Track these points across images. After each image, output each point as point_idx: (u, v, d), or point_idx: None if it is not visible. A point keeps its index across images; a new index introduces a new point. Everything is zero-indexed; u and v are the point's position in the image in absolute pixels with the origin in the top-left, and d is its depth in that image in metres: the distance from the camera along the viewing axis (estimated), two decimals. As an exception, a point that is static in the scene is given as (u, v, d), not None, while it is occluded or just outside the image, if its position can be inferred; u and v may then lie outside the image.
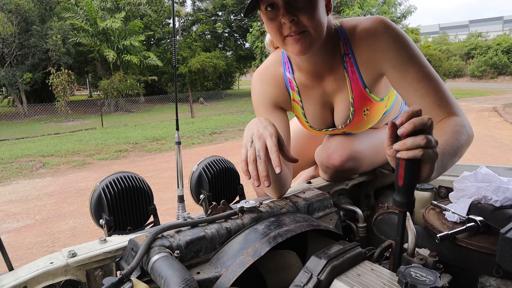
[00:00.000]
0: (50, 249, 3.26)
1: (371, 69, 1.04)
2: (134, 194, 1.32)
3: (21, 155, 7.27)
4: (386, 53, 0.98)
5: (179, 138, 1.61)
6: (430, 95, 0.94)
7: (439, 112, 0.94)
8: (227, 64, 22.24)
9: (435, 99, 0.94)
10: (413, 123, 0.66)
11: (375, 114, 1.17)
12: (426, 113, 0.93)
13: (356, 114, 1.13)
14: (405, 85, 0.97)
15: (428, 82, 0.95)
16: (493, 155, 6.06)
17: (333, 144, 1.23)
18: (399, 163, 0.70)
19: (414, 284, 0.60)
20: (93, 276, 0.78)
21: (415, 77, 0.95)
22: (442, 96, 0.95)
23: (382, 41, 0.98)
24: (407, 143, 0.67)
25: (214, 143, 8.47)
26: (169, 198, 4.31)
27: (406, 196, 0.70)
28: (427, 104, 0.94)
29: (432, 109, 0.94)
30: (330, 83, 1.12)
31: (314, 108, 1.18)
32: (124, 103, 16.63)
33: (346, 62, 1.06)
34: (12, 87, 14.36)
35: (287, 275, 0.89)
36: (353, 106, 1.11)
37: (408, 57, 0.97)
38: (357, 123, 1.17)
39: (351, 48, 1.04)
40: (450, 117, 0.93)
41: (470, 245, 0.88)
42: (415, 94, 0.96)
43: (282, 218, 0.93)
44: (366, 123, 1.18)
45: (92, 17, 15.62)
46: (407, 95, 0.98)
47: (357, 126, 1.19)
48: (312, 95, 1.16)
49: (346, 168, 1.20)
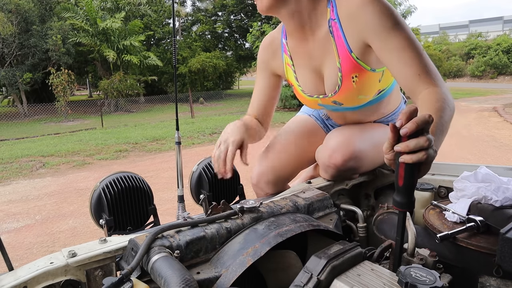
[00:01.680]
0: (50, 249, 3.26)
1: (356, 36, 1.05)
2: (134, 194, 1.32)
3: (21, 155, 7.27)
4: (370, 21, 1.00)
5: (179, 138, 1.61)
6: (412, 64, 0.96)
7: (419, 82, 0.95)
8: (227, 64, 22.23)
9: (417, 69, 0.95)
10: (416, 123, 0.66)
11: (366, 84, 1.14)
12: (408, 82, 0.96)
13: (345, 80, 1.13)
14: (388, 54, 0.99)
15: (411, 52, 0.96)
16: (493, 155, 6.06)
17: (335, 143, 1.22)
18: (399, 163, 0.70)
19: (414, 284, 0.60)
20: (93, 276, 0.78)
21: (397, 45, 0.97)
22: (424, 66, 0.96)
23: (367, 9, 1.00)
24: (411, 145, 0.67)
25: (214, 143, 8.41)
26: (169, 198, 4.31)
27: (406, 196, 0.70)
28: (409, 73, 0.96)
29: (414, 79, 0.95)
30: (317, 46, 1.15)
31: (305, 72, 1.23)
32: (124, 103, 16.63)
33: (332, 27, 1.09)
34: (12, 87, 14.36)
35: (287, 275, 0.89)
36: (341, 71, 1.12)
37: (391, 26, 0.98)
38: (347, 91, 1.15)
39: (337, 14, 1.06)
40: (431, 90, 0.93)
41: (470, 245, 0.88)
42: (398, 62, 0.97)
43: (282, 218, 0.93)
44: (356, 91, 1.15)
45: (92, 17, 15.62)
46: (390, 63, 1.00)
47: (348, 95, 1.17)
48: (302, 59, 1.21)
49: (348, 167, 1.20)
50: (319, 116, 1.54)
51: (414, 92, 0.96)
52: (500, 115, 11.20)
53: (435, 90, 0.93)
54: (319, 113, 1.54)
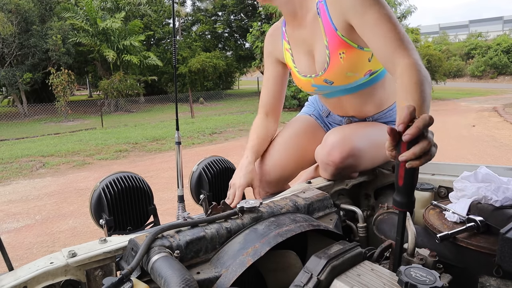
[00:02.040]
0: (50, 249, 3.25)
1: (339, 15, 1.12)
2: (134, 194, 1.32)
3: (21, 155, 7.27)
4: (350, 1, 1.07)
5: (179, 138, 1.61)
6: (388, 36, 1.01)
7: (395, 52, 1.00)
8: (227, 64, 22.23)
9: (393, 41, 1.01)
10: (418, 127, 0.68)
11: (354, 61, 1.19)
12: (385, 51, 1.02)
13: (332, 57, 1.19)
14: (366, 30, 1.05)
15: (387, 24, 1.02)
16: (493, 155, 6.06)
17: (333, 141, 1.23)
18: (399, 163, 0.70)
19: (414, 284, 0.60)
20: (93, 276, 0.78)
21: (375, 21, 1.03)
22: (399, 38, 1.01)
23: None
24: (416, 152, 0.68)
25: (214, 143, 8.47)
26: (169, 198, 4.31)
27: (406, 196, 0.70)
28: (386, 45, 1.01)
29: (389, 49, 1.01)
30: (308, 30, 1.25)
31: (300, 55, 1.33)
32: (124, 103, 16.62)
33: (319, 9, 1.18)
34: (12, 87, 14.35)
35: (287, 275, 0.89)
36: (328, 48, 1.19)
37: (369, 3, 1.04)
38: (335, 67, 1.21)
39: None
40: (406, 62, 0.97)
41: (470, 245, 0.88)
42: (376, 37, 1.03)
43: (282, 218, 0.93)
44: (344, 68, 1.20)
45: (92, 17, 15.62)
46: (369, 39, 1.05)
47: (336, 72, 1.22)
48: (298, 43, 1.32)
49: (346, 164, 1.20)
50: (319, 115, 1.55)
51: (392, 64, 1.01)
52: (500, 115, 11.20)
53: (410, 62, 0.97)
54: (319, 112, 1.55)
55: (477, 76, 31.74)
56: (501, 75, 30.91)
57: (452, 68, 31.73)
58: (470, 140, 7.24)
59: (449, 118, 10.60)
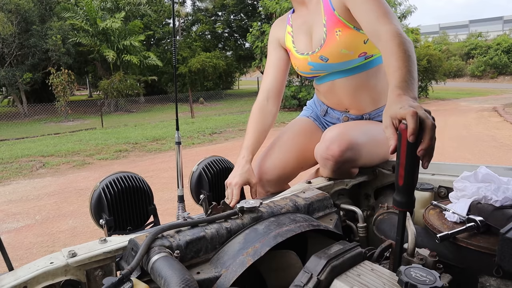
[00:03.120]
0: (50, 249, 3.25)
1: None
2: (134, 194, 1.32)
3: (21, 155, 7.27)
4: None
5: (179, 138, 1.61)
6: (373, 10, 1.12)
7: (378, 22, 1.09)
8: (227, 64, 22.23)
9: (378, 13, 1.11)
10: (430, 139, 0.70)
11: (349, 39, 1.26)
12: (370, 23, 1.12)
13: (329, 34, 1.27)
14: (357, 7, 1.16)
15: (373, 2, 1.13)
16: (493, 155, 6.06)
17: (331, 135, 1.24)
18: (399, 162, 0.70)
19: (414, 284, 0.60)
20: (93, 276, 0.78)
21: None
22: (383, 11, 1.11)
23: None
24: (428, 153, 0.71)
25: (214, 143, 8.47)
26: (169, 198, 4.31)
27: (406, 196, 0.70)
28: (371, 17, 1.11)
29: (374, 20, 1.10)
30: (310, 12, 1.36)
31: (299, 36, 1.41)
32: (124, 103, 16.62)
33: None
34: (12, 87, 14.36)
35: (287, 275, 0.89)
36: (325, 26, 1.28)
37: None
38: (331, 44, 1.28)
39: None
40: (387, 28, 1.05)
41: (470, 245, 0.88)
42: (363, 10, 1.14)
43: (282, 218, 0.93)
44: (340, 45, 1.26)
45: (92, 17, 15.62)
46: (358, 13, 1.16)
47: (332, 48, 1.28)
48: (299, 25, 1.41)
49: (346, 158, 1.20)
50: (317, 116, 1.57)
51: (376, 33, 1.09)
52: (500, 115, 11.20)
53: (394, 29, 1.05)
54: (317, 114, 1.57)
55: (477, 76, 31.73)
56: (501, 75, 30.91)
57: (452, 68, 31.72)
58: (470, 140, 7.25)
59: (449, 118, 10.60)
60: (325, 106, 1.51)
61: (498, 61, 30.17)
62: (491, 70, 30.98)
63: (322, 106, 1.53)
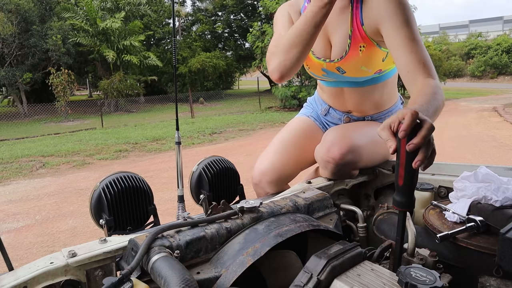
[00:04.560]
0: (50, 249, 3.25)
1: (372, 16, 1.15)
2: (134, 194, 1.32)
3: (21, 155, 7.26)
4: (389, 9, 1.10)
5: (179, 138, 1.61)
6: (417, 53, 1.06)
7: (421, 70, 1.04)
8: (227, 64, 22.24)
9: (421, 58, 1.05)
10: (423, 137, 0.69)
11: (371, 57, 1.22)
12: (411, 68, 1.05)
13: (352, 48, 1.21)
14: (396, 41, 1.09)
15: (416, 44, 1.07)
16: (493, 155, 6.06)
17: (332, 138, 1.24)
18: (399, 162, 0.70)
19: (414, 284, 0.60)
20: (93, 276, 0.78)
21: (407, 36, 1.07)
22: (426, 58, 1.06)
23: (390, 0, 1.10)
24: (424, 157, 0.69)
25: (214, 143, 8.47)
26: (169, 198, 4.31)
27: (406, 196, 0.70)
28: (414, 60, 1.05)
29: (417, 66, 1.04)
30: (335, 10, 1.21)
31: None
32: (124, 103, 16.62)
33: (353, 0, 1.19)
34: (12, 87, 14.36)
35: (287, 275, 0.89)
36: (351, 38, 1.21)
37: (405, 19, 1.08)
38: (352, 58, 1.23)
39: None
40: (429, 79, 1.02)
41: (470, 245, 0.88)
42: (404, 49, 1.07)
43: (282, 218, 0.93)
44: (360, 61, 1.22)
45: (92, 17, 15.62)
46: (397, 50, 1.08)
47: (352, 63, 1.23)
48: None
49: (346, 160, 1.20)
50: (317, 116, 1.56)
51: (413, 78, 1.04)
52: (500, 115, 11.20)
53: (432, 80, 1.02)
54: (317, 113, 1.56)
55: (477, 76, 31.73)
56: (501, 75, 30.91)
57: (452, 68, 31.72)
58: (470, 140, 7.24)
59: (449, 118, 10.60)
60: (326, 105, 1.51)
61: (498, 61, 30.17)
62: (491, 70, 30.97)
63: (324, 105, 1.52)
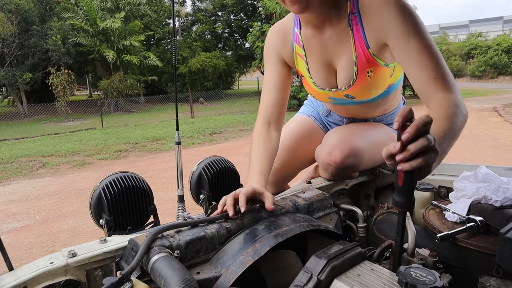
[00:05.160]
0: (50, 249, 3.25)
1: (376, 34, 1.05)
2: (134, 194, 1.32)
3: (21, 155, 7.27)
4: (391, 22, 1.00)
5: (179, 138, 1.62)
6: (429, 68, 0.96)
7: (434, 86, 0.95)
8: (227, 64, 22.25)
9: (433, 73, 0.95)
10: (416, 126, 0.64)
11: (380, 78, 1.16)
12: (423, 85, 0.96)
13: (360, 74, 1.13)
14: (406, 56, 0.99)
15: (428, 55, 0.96)
16: (493, 155, 6.06)
17: (333, 141, 1.23)
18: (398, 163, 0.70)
19: (414, 284, 0.60)
20: (93, 276, 0.78)
21: (416, 48, 0.97)
22: (440, 70, 0.96)
23: (389, 8, 1.00)
24: (411, 149, 0.65)
25: (214, 143, 8.47)
26: (169, 198, 4.31)
27: (406, 196, 0.70)
28: (425, 77, 0.96)
29: (429, 83, 0.95)
30: (333, 38, 1.13)
31: (317, 65, 1.22)
32: (124, 103, 16.63)
33: (351, 20, 1.08)
34: (12, 87, 14.36)
35: (287, 275, 0.89)
36: (357, 65, 1.12)
37: (412, 29, 0.98)
38: (361, 85, 1.16)
39: (358, 8, 1.06)
40: (445, 96, 0.93)
41: (470, 245, 0.88)
42: (415, 66, 0.97)
43: (282, 218, 0.93)
44: (369, 86, 1.16)
45: (92, 17, 15.62)
46: (407, 66, 1.00)
47: (361, 89, 1.17)
48: (316, 50, 1.19)
49: (347, 164, 1.20)
50: (318, 116, 1.55)
51: (428, 96, 0.96)
52: (500, 115, 11.19)
53: (449, 96, 0.92)
54: (318, 113, 1.55)
55: (477, 76, 31.71)
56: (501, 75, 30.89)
57: (452, 68, 31.70)
58: (470, 140, 7.24)
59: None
60: (328, 108, 1.50)
61: (498, 61, 30.15)
62: (491, 70, 30.96)
63: (325, 106, 1.51)
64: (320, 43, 1.17)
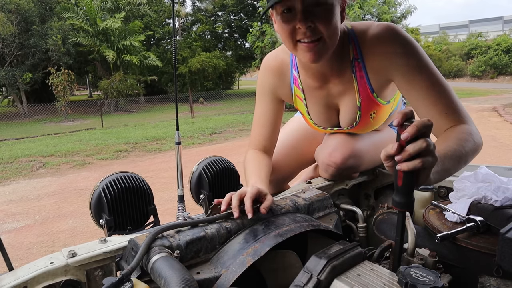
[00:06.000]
0: (50, 249, 3.25)
1: (380, 75, 1.04)
2: (134, 194, 1.32)
3: (21, 155, 7.27)
4: (395, 61, 0.98)
5: (179, 138, 1.62)
6: (437, 103, 0.94)
7: (446, 120, 0.93)
8: (227, 64, 22.25)
9: (443, 108, 0.94)
10: (416, 126, 0.64)
11: (382, 117, 1.19)
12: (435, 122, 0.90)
13: (363, 117, 1.15)
14: (413, 93, 0.97)
15: (436, 90, 0.94)
16: (493, 155, 6.06)
17: (334, 142, 1.23)
18: (399, 163, 0.70)
19: (414, 284, 0.60)
20: (93, 276, 0.78)
21: (423, 85, 0.95)
22: (450, 104, 0.94)
23: (392, 49, 0.98)
24: (409, 150, 0.65)
25: (214, 143, 8.47)
26: (169, 198, 4.31)
27: (406, 196, 0.70)
28: (435, 113, 0.94)
29: (440, 118, 0.93)
30: (336, 85, 1.12)
31: (319, 108, 1.21)
32: (124, 103, 16.63)
33: (355, 67, 1.06)
34: (12, 87, 14.36)
35: (287, 275, 0.89)
36: (360, 110, 1.13)
37: (416, 65, 0.96)
38: (364, 125, 1.19)
39: (361, 53, 1.04)
40: (457, 125, 0.92)
41: (470, 245, 0.88)
42: (423, 103, 0.96)
43: (282, 218, 0.93)
44: (372, 125, 1.20)
45: (92, 17, 15.62)
46: (415, 103, 0.98)
47: (363, 128, 1.21)
48: (317, 96, 1.17)
49: (348, 165, 1.20)
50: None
51: (440, 130, 0.94)
52: (500, 115, 11.19)
53: (462, 125, 0.91)
54: None
55: (477, 76, 31.70)
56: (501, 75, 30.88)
57: (452, 68, 31.73)
58: (470, 140, 7.22)
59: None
60: None
61: (498, 61, 30.14)
62: (491, 70, 30.95)
63: None
64: (323, 91, 1.15)
